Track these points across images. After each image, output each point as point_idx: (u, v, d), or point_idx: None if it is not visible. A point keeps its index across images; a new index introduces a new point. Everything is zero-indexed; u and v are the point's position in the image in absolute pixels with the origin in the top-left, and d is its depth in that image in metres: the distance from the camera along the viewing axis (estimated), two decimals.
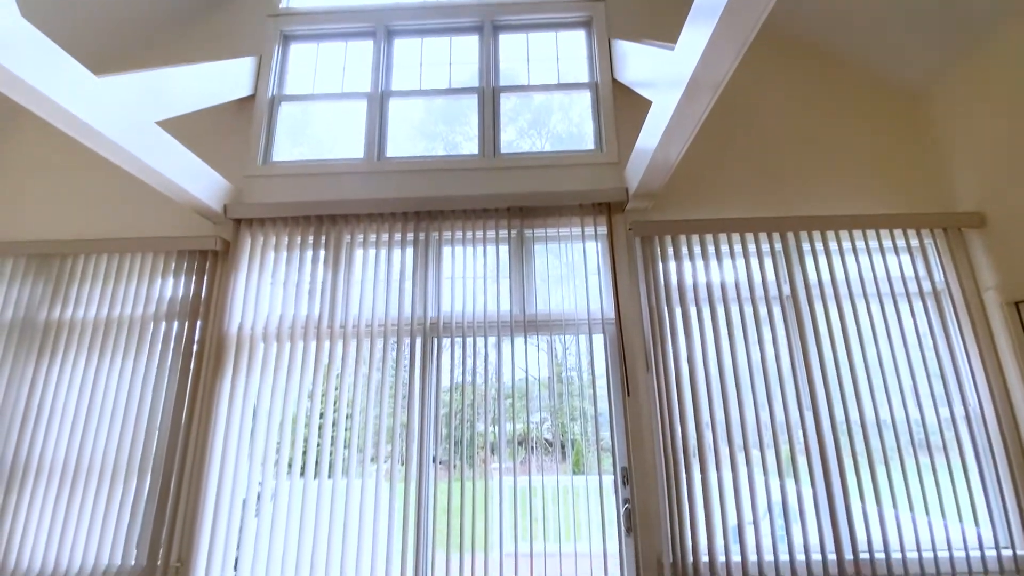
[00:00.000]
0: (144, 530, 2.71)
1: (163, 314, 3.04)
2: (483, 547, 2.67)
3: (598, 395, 2.88)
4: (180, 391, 2.91)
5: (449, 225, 3.12)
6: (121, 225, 3.28)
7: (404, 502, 2.71)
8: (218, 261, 3.15)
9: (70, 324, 3.04)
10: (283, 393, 2.89)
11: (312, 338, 2.98)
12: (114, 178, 3.39)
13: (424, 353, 2.94)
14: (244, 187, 3.33)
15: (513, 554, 2.63)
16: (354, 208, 3.09)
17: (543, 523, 2.72)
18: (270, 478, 2.79)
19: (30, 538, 2.71)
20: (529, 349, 2.98)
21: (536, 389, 2.92)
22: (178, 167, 2.72)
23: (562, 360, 4.98)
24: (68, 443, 2.84)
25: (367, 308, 3.01)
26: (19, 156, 3.50)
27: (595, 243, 3.10)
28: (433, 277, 3.07)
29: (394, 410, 2.85)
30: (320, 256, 3.11)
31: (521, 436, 2.99)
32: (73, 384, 2.93)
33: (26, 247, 3.17)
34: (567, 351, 4.72)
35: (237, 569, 2.69)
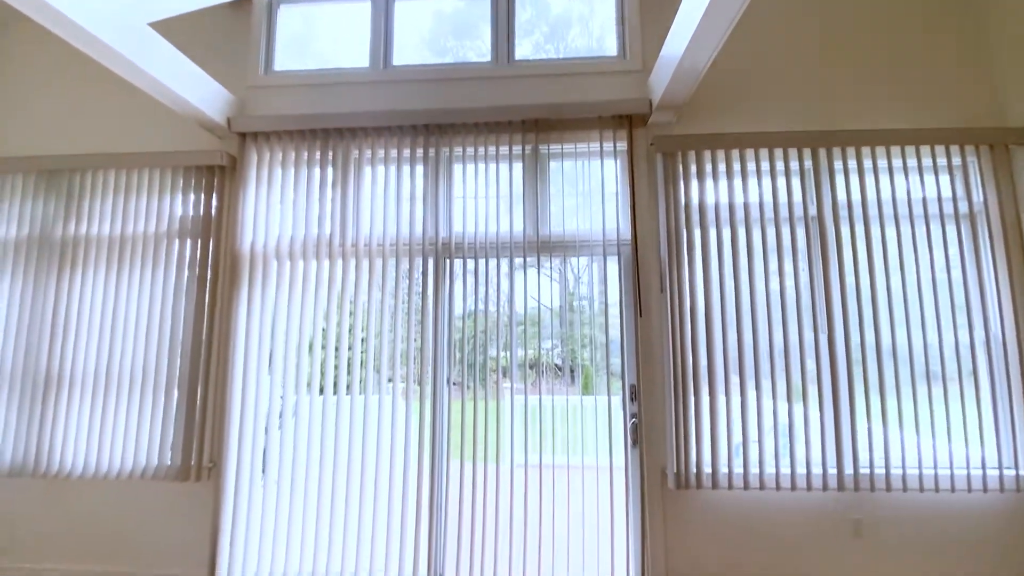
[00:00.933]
0: (176, 435, 2.87)
1: (176, 232, 3.03)
2: (495, 458, 2.80)
3: (609, 322, 2.88)
4: (199, 307, 2.97)
5: (460, 140, 2.98)
6: (129, 140, 3.20)
7: (420, 418, 2.81)
8: (226, 177, 3.09)
9: (85, 240, 3.05)
10: (299, 315, 2.93)
11: (324, 257, 2.97)
12: (120, 92, 3.26)
13: (437, 275, 2.92)
14: (247, 99, 3.18)
15: (523, 465, 2.75)
16: (361, 121, 2.96)
17: (552, 438, 2.81)
18: (291, 393, 2.89)
19: (71, 441, 2.89)
20: (541, 279, 2.95)
21: (548, 318, 2.92)
22: (174, 73, 2.58)
23: (574, 289, 4.97)
24: (97, 354, 2.95)
25: (378, 227, 2.96)
26: (23, 70, 3.36)
27: (614, 161, 2.96)
28: (444, 196, 2.98)
29: (408, 334, 2.88)
30: (328, 173, 3.03)
31: (532, 361, 3.04)
32: (95, 299, 2.99)
33: (36, 162, 3.13)
34: (579, 280, 4.70)
35: (265, 473, 2.87)
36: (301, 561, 2.76)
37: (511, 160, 2.94)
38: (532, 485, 2.72)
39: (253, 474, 2.85)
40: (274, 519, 2.81)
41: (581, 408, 2.86)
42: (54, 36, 3.35)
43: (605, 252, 2.84)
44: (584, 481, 2.72)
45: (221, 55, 3.25)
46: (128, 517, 2.91)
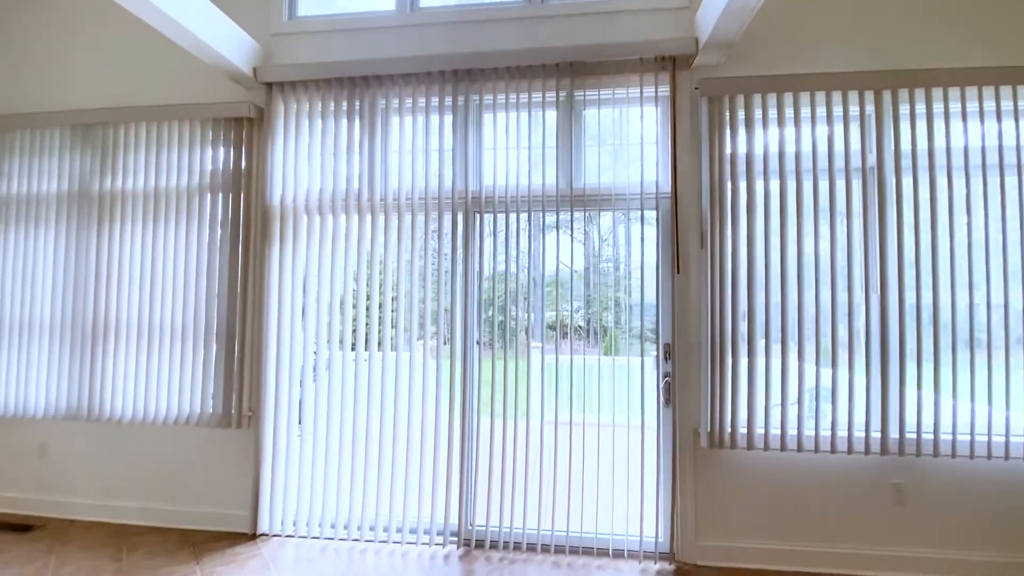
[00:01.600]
0: (217, 384, 2.97)
1: (207, 185, 3.04)
2: (525, 415, 2.80)
3: (637, 284, 2.78)
4: (233, 262, 3.00)
5: (490, 87, 2.83)
6: (160, 93, 3.17)
7: (451, 375, 2.82)
8: (254, 129, 3.05)
9: (122, 195, 3.09)
10: (330, 271, 2.93)
11: (353, 212, 2.93)
12: (152, 45, 3.20)
13: (466, 230, 2.85)
14: (273, 47, 3.09)
15: (553, 422, 2.74)
16: (387, 68, 2.84)
17: (583, 398, 2.78)
18: (323, 348, 2.93)
19: (120, 388, 3.03)
20: (564, 240, 2.84)
21: (573, 280, 2.83)
22: (201, 20, 2.51)
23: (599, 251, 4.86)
24: (139, 305, 3.04)
25: (406, 180, 2.89)
26: (59, 27, 3.34)
27: (654, 107, 2.77)
28: (474, 147, 2.87)
29: (438, 293, 2.85)
30: (356, 124, 2.95)
31: (555, 322, 2.98)
32: (135, 252, 3.06)
33: (72, 116, 3.15)
34: (604, 242, 4.56)
35: (301, 423, 2.96)
36: (337, 508, 2.88)
37: (544, 108, 2.79)
38: (563, 442, 2.72)
39: (290, 424, 2.95)
40: (311, 467, 2.91)
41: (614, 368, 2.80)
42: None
43: (643, 205, 2.71)
44: (615, 439, 2.70)
45: (244, 1, 3.14)
46: (177, 459, 3.07)
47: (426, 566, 2.61)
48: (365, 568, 2.58)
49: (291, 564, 2.60)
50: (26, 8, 3.37)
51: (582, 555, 2.70)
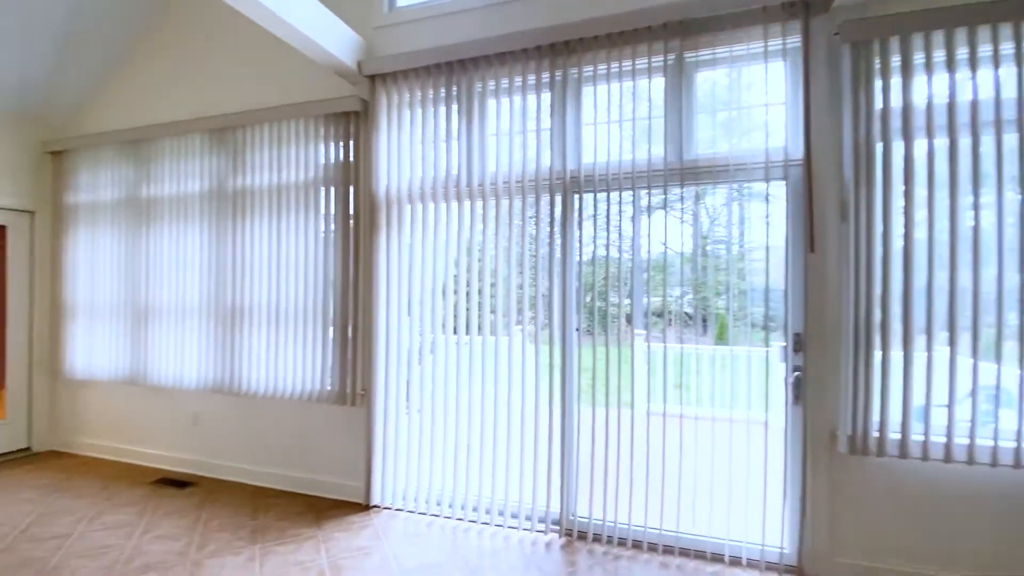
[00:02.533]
0: (334, 364, 3.19)
1: (321, 179, 3.23)
2: (629, 405, 2.64)
3: (755, 266, 2.46)
4: (344, 250, 3.17)
5: (590, 58, 2.65)
6: (278, 94, 3.42)
7: (549, 361, 2.74)
8: (360, 122, 3.17)
9: (251, 191, 3.40)
10: (432, 258, 2.98)
11: (452, 199, 2.94)
12: (268, 50, 3.47)
13: (565, 212, 2.72)
14: (374, 41, 3.18)
15: (661, 414, 2.55)
16: (483, 49, 2.77)
17: (692, 389, 2.56)
18: (427, 332, 3.00)
19: (253, 365, 3.37)
20: (671, 221, 2.60)
21: (678, 263, 2.58)
22: (310, 20, 2.63)
23: (708, 232, 4.45)
24: (267, 291, 3.34)
25: (503, 164, 2.83)
26: (192, 44, 3.75)
27: (781, 62, 2.41)
28: (572, 124, 2.73)
29: (535, 280, 2.78)
30: (453, 109, 2.94)
31: (659, 309, 2.77)
32: (262, 242, 3.36)
33: (207, 122, 3.51)
34: (715, 222, 4.16)
35: (408, 403, 3.08)
36: (443, 486, 2.96)
37: (650, 74, 2.56)
38: (671, 435, 2.53)
39: (398, 403, 3.07)
40: (418, 445, 3.02)
41: (732, 359, 2.54)
42: (215, 10, 3.63)
43: (767, 176, 2.38)
44: (732, 436, 2.44)
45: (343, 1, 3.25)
46: (303, 431, 3.36)
47: (527, 552, 2.58)
48: (468, 547, 2.62)
49: (400, 536, 2.72)
50: (170, 30, 3.80)
51: (693, 558, 2.51)
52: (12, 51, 3.46)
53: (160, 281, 3.69)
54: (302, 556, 2.50)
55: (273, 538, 2.69)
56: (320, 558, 2.49)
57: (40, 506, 3.06)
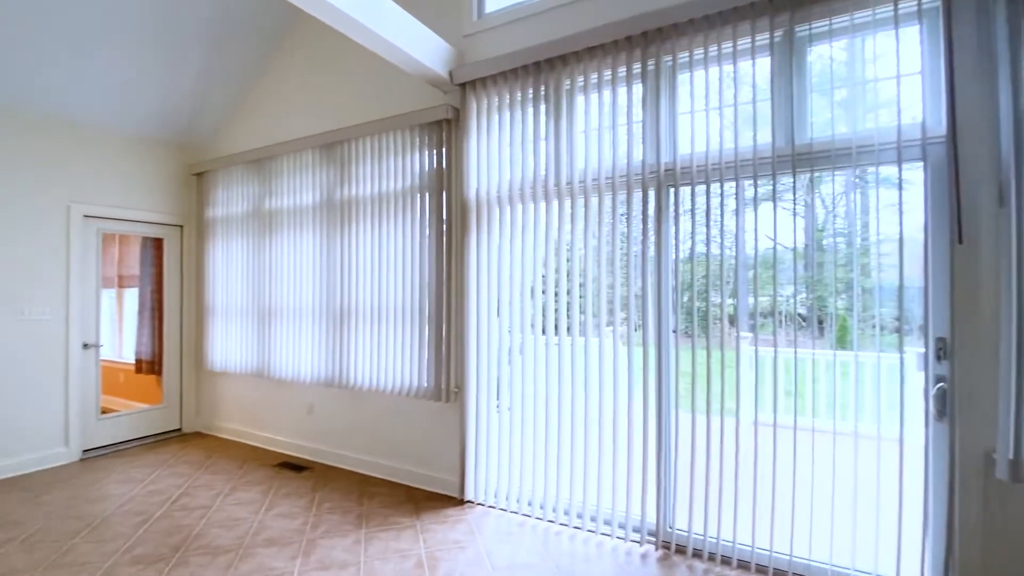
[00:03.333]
0: (429, 362, 3.33)
1: (417, 186, 3.39)
2: (733, 413, 2.45)
3: (883, 261, 2.15)
4: (439, 253, 3.30)
5: (685, 43, 2.51)
6: (377, 108, 3.66)
7: (644, 364, 2.63)
8: (451, 129, 3.28)
9: (354, 200, 3.66)
10: (520, 258, 3.00)
11: (541, 199, 2.94)
12: (366, 66, 3.73)
13: (659, 207, 2.60)
14: (465, 49, 3.28)
15: (772, 424, 2.34)
16: (571, 45, 2.74)
17: (808, 398, 2.31)
18: (517, 332, 3.03)
19: (358, 361, 3.63)
20: (781, 213, 2.36)
21: (789, 259, 2.33)
22: (406, 34, 2.77)
23: (824, 224, 4.01)
24: (370, 293, 3.58)
25: (592, 160, 2.77)
26: (302, 66, 4.14)
27: (916, 25, 2.10)
28: (667, 114, 2.59)
29: (627, 279, 2.68)
30: (542, 109, 2.93)
31: (767, 309, 2.54)
32: (365, 248, 3.60)
33: (318, 139, 3.85)
34: (831, 213, 3.72)
35: (499, 401, 3.12)
36: (534, 486, 2.96)
37: (753, 54, 2.35)
38: (783, 448, 2.30)
39: (489, 402, 3.13)
40: (508, 444, 3.05)
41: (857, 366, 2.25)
42: (324, 37, 3.97)
43: (900, 157, 2.08)
44: (858, 453, 2.17)
45: (437, 10, 3.38)
46: (403, 425, 3.55)
47: (621, 561, 2.50)
48: (560, 550, 2.59)
49: (492, 533, 2.77)
50: (287, 59, 4.22)
51: None
52: (160, 86, 4.05)
53: (280, 285, 4.11)
54: (402, 544, 2.64)
55: (376, 524, 2.86)
56: (418, 548, 2.60)
57: (188, 480, 3.53)
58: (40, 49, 3.36)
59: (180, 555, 2.52)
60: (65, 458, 3.89)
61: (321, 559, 2.48)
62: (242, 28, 3.97)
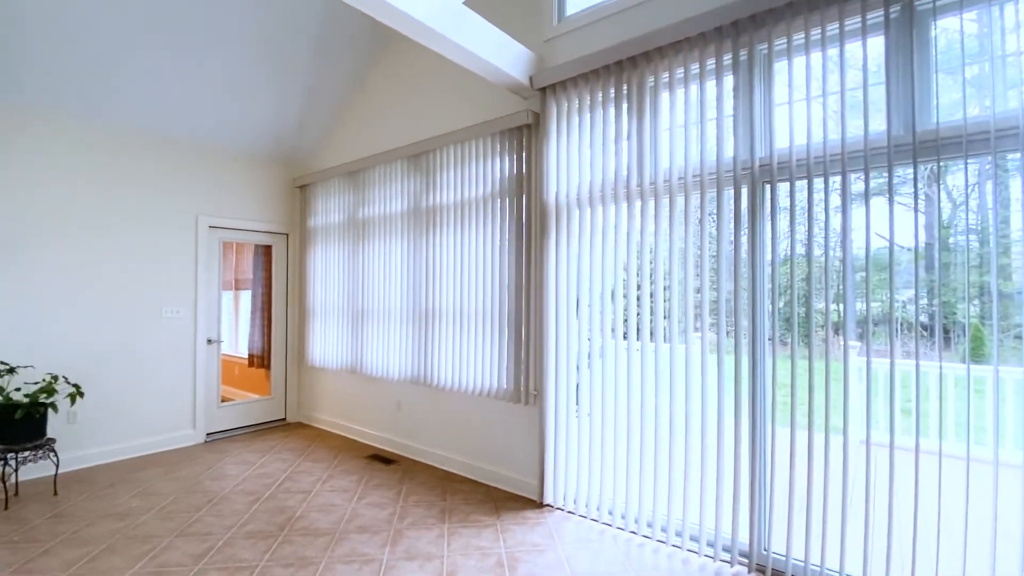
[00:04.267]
0: (509, 364, 3.37)
1: (497, 191, 3.46)
2: (840, 430, 2.22)
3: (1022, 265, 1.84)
4: (517, 256, 3.34)
5: (783, 29, 2.33)
6: (460, 118, 3.79)
7: (735, 374, 2.47)
8: (531, 134, 3.31)
9: (439, 207, 3.81)
10: (600, 261, 2.96)
11: (623, 200, 2.87)
12: (448, 77, 3.88)
13: (752, 206, 2.44)
14: (545, 53, 3.30)
15: (885, 445, 2.10)
16: (655, 40, 2.65)
17: (937, 418, 2.04)
18: (597, 337, 2.98)
19: (442, 360, 3.76)
20: (897, 209, 2.10)
21: (916, 261, 2.07)
22: (488, 45, 2.85)
23: (950, 220, 3.62)
24: (453, 296, 3.70)
25: (678, 159, 2.66)
26: (391, 81, 4.40)
27: None
28: (762, 106, 2.43)
29: (718, 283, 2.54)
30: (624, 109, 2.87)
31: (880, 316, 2.27)
32: (449, 252, 3.74)
33: (406, 150, 4.06)
34: (959, 207, 3.26)
35: (579, 406, 3.09)
36: (614, 495, 2.88)
37: (864, 35, 2.14)
38: (903, 472, 2.05)
39: (568, 406, 3.11)
40: (588, 450, 3.00)
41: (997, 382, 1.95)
42: (411, 53, 4.19)
43: None
44: (1000, 483, 1.88)
45: (516, 15, 3.43)
46: (484, 425, 3.63)
47: None
48: (643, 563, 2.50)
49: (572, 539, 2.73)
50: (378, 75, 4.51)
51: None
52: (269, 110, 4.49)
53: (371, 288, 4.38)
54: (482, 542, 2.69)
55: (458, 520, 2.94)
56: (498, 547, 2.64)
57: (291, 465, 3.87)
58: (183, 84, 3.88)
59: (285, 534, 2.76)
60: (192, 439, 4.42)
61: (407, 549, 2.60)
62: (340, 51, 4.29)
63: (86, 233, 3.84)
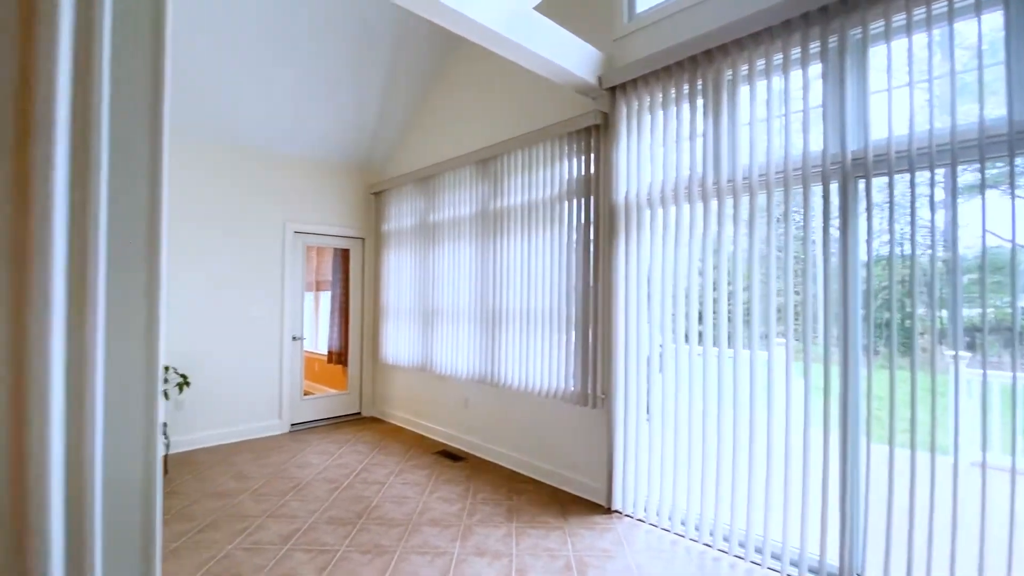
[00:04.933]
0: (575, 367, 3.35)
1: (564, 192, 3.45)
2: (948, 450, 2.01)
3: None
4: (585, 258, 3.32)
5: (880, 11, 2.15)
6: (527, 122, 3.82)
7: (825, 384, 2.30)
8: (600, 134, 3.28)
9: (506, 211, 3.87)
10: (672, 265, 2.87)
11: (696, 199, 2.77)
12: (515, 81, 3.93)
13: (844, 203, 2.27)
14: (615, 52, 3.25)
15: (1007, 470, 1.87)
16: (733, 32, 2.54)
17: None
18: (668, 341, 2.89)
19: (509, 361, 3.80)
20: (1004, 203, 1.86)
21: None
22: (558, 48, 2.86)
23: None
24: (519, 297, 3.74)
25: (759, 155, 2.53)
26: (459, 88, 4.53)
27: None
28: (855, 94, 2.25)
29: (804, 286, 2.39)
30: (698, 105, 2.77)
31: (997, 324, 2.02)
32: (515, 255, 3.78)
33: (473, 156, 4.16)
34: None
35: (649, 413, 3.01)
36: (688, 505, 2.78)
37: (978, 10, 1.92)
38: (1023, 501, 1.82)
39: (639, 411, 3.03)
40: (660, 457, 2.91)
41: None
42: (479, 59, 4.29)
43: None
44: None
45: (585, 15, 3.41)
46: (549, 426, 3.63)
47: None
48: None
49: (643, 548, 2.66)
50: (447, 83, 4.65)
51: None
52: (347, 122, 4.76)
53: (441, 289, 4.52)
54: (550, 544, 2.69)
55: (525, 521, 2.96)
56: (567, 550, 2.63)
57: (367, 458, 4.07)
58: (266, 100, 4.22)
59: (362, 522, 2.91)
60: (278, 429, 4.78)
61: (477, 545, 2.65)
62: (411, 62, 4.48)
63: (194, 238, 4.27)
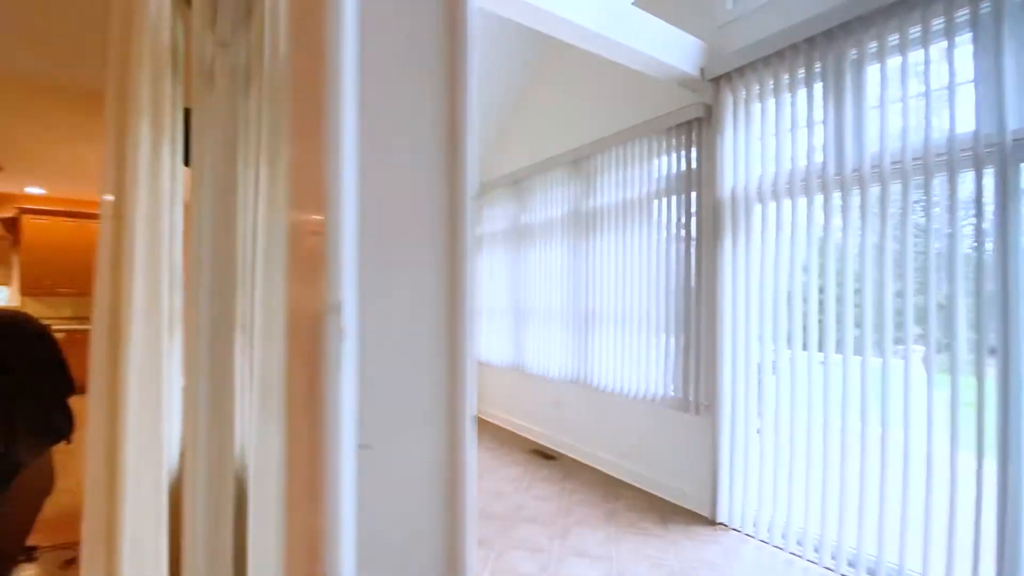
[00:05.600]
0: (676, 371, 3.24)
1: (663, 190, 3.35)
2: None
3: None
4: (686, 257, 3.19)
5: None
6: (623, 119, 3.76)
7: (979, 397, 2.02)
8: (703, 128, 3.14)
9: (600, 210, 3.83)
10: (788, 263, 2.67)
11: (815, 191, 2.55)
12: (615, 80, 3.88)
13: (1004, 190, 1.97)
14: (718, 41, 3.09)
15: None
16: (862, 6, 2.31)
17: None
18: (783, 346, 2.69)
19: (603, 363, 3.77)
20: None
21: None
22: (657, 42, 2.78)
23: None
24: (614, 298, 3.69)
25: (892, 140, 2.28)
26: (553, 88, 4.57)
27: None
28: (1014, 67, 1.95)
29: (951, 286, 2.11)
30: (816, 89, 2.56)
31: None
32: (609, 254, 3.74)
33: (567, 156, 4.17)
34: None
35: (761, 420, 2.82)
36: (806, 523, 2.57)
37: None
38: None
39: (747, 421, 2.86)
40: (772, 470, 2.72)
41: None
42: (570, 59, 4.30)
43: None
44: None
45: (685, 3, 3.28)
46: (647, 431, 3.54)
47: None
48: None
49: (751, 565, 2.51)
50: (538, 84, 4.70)
51: None
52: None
53: (532, 289, 4.59)
54: (651, 551, 2.62)
55: (624, 525, 2.92)
56: (669, 559, 2.55)
57: None
58: None
59: None
60: None
61: (575, 546, 2.66)
62: (503, 67, 4.59)
63: None
